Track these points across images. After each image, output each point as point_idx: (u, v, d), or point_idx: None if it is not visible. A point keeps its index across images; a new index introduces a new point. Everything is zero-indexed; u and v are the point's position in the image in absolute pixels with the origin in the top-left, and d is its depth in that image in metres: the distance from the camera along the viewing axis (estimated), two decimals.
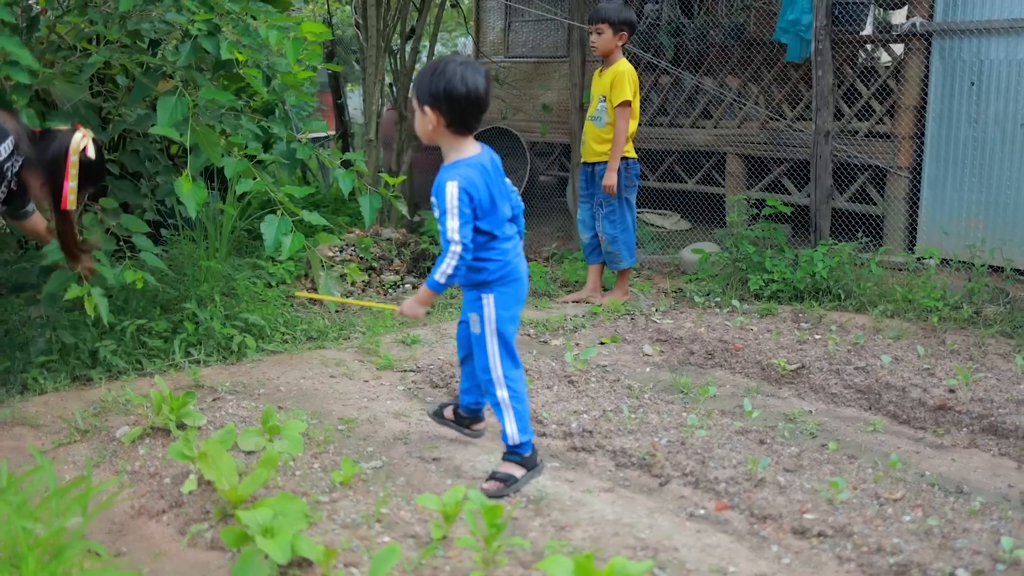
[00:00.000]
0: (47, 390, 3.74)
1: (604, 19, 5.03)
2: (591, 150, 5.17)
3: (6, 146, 3.12)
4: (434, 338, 4.57)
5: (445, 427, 3.28)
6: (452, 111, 2.71)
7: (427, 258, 6.31)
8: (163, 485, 2.92)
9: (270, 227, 3.79)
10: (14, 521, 2.05)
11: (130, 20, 4.01)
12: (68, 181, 3.23)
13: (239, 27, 3.87)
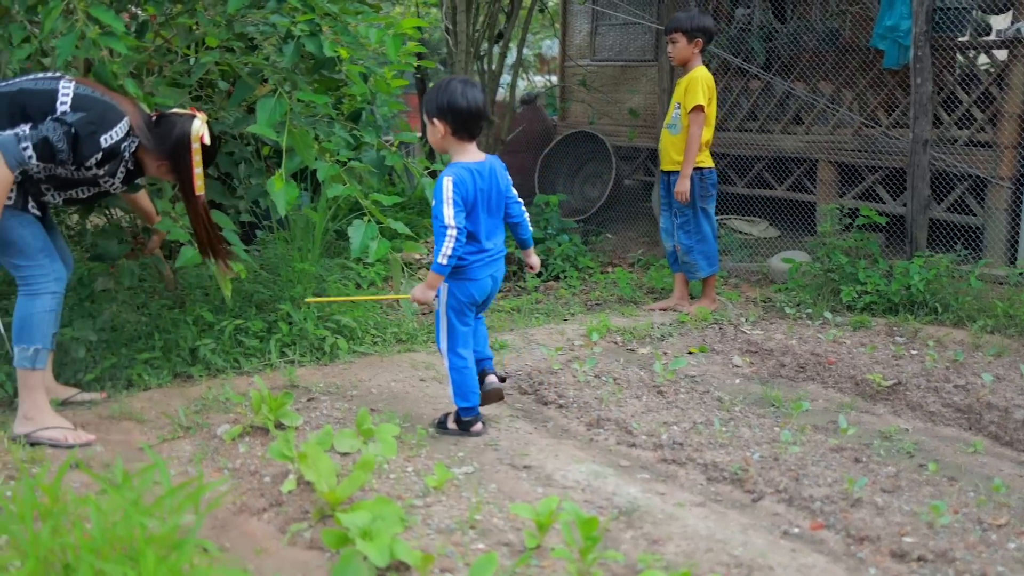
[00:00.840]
0: (151, 386, 3.87)
1: (677, 28, 5.01)
2: (668, 158, 5.14)
3: (121, 127, 3.25)
4: (521, 344, 4.59)
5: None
6: (456, 121, 3.24)
7: (511, 261, 6.36)
8: (263, 483, 2.99)
9: (357, 231, 3.85)
10: (132, 517, 2.12)
11: (236, 23, 4.12)
12: (195, 167, 3.37)
13: (338, 27, 3.95)
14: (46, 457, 3.16)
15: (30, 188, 3.30)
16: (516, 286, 6.08)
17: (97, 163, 3.25)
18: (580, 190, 8.22)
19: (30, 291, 3.31)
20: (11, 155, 3.08)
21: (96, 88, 3.32)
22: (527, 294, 5.81)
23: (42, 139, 3.11)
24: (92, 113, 3.20)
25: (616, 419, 3.60)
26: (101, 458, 3.19)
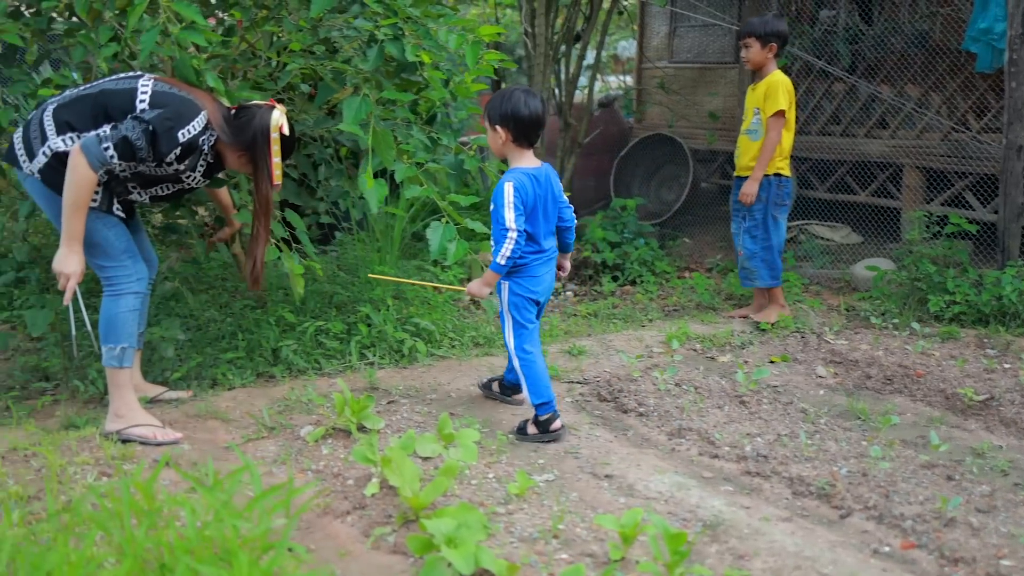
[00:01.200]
0: (235, 386, 3.93)
1: (751, 33, 4.91)
2: (746, 163, 5.03)
3: (198, 121, 3.28)
4: (600, 350, 4.56)
5: (492, 397, 3.87)
6: (517, 129, 3.41)
7: (587, 265, 6.33)
8: (346, 486, 3.02)
9: (435, 233, 3.86)
10: (223, 518, 2.15)
11: (321, 28, 4.16)
12: (273, 157, 3.39)
13: (420, 31, 3.96)
14: (136, 454, 3.23)
15: (116, 188, 3.36)
16: (592, 290, 6.04)
17: (177, 158, 3.29)
18: (656, 193, 8.15)
19: (114, 291, 3.38)
20: (93, 156, 3.13)
21: (175, 85, 3.36)
22: (603, 299, 5.78)
23: (122, 138, 3.15)
24: (169, 109, 3.23)
25: (698, 429, 3.55)
26: (188, 456, 3.24)
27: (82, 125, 3.24)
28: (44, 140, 3.25)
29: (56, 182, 3.23)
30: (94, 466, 3.10)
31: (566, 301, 5.85)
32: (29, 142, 3.30)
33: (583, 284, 6.19)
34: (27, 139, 3.31)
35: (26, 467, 3.10)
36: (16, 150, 3.34)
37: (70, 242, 3.20)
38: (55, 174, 3.22)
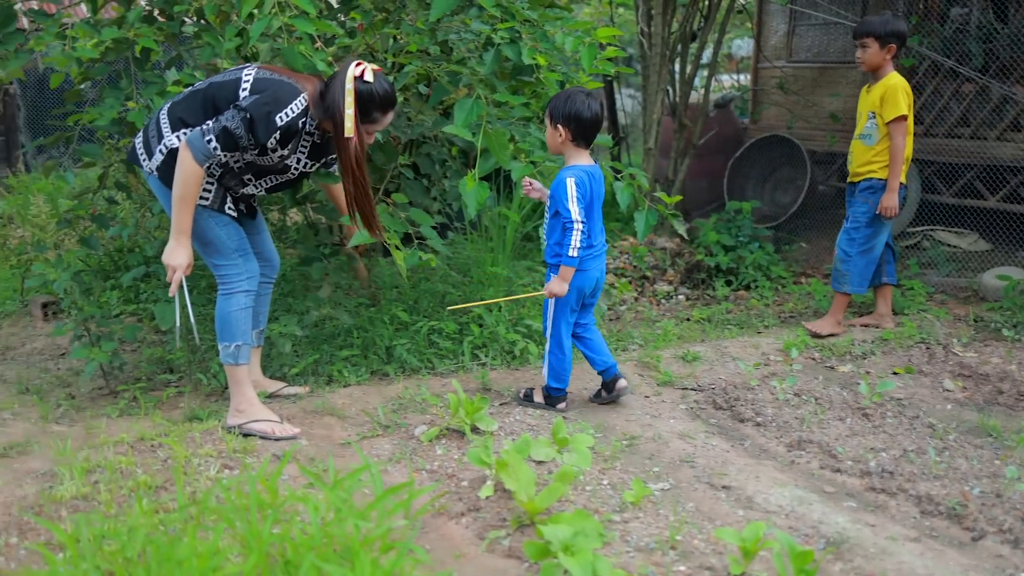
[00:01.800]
0: (350, 383, 3.98)
1: (869, 32, 4.67)
2: (859, 170, 4.83)
3: (297, 104, 3.26)
4: (714, 356, 4.47)
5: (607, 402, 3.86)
6: (577, 129, 3.55)
7: (701, 269, 6.23)
8: (461, 487, 3.02)
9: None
10: (344, 516, 2.17)
11: (439, 31, 4.19)
12: (346, 108, 3.28)
13: (537, 34, 3.95)
14: (256, 448, 3.30)
15: (231, 182, 3.41)
16: (705, 295, 5.94)
17: (278, 142, 3.28)
18: (771, 196, 7.96)
19: (225, 290, 3.45)
20: (198, 150, 3.18)
21: (278, 71, 3.35)
22: (717, 303, 5.67)
23: (222, 129, 3.19)
24: (266, 94, 3.23)
25: (819, 442, 3.44)
26: (306, 452, 3.30)
27: (194, 120, 3.29)
28: (160, 138, 3.33)
29: (171, 179, 3.29)
30: (217, 458, 3.17)
31: (678, 305, 5.76)
32: (148, 141, 3.39)
33: (695, 288, 6.09)
34: (146, 139, 3.40)
35: (153, 457, 3.19)
36: (137, 150, 3.44)
37: (178, 235, 3.27)
38: (170, 171, 3.29)
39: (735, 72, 11.78)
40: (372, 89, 3.28)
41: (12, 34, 3.89)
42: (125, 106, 3.92)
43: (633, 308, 5.59)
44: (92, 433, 3.45)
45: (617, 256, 6.21)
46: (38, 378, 4.35)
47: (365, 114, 3.32)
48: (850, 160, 4.91)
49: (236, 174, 3.41)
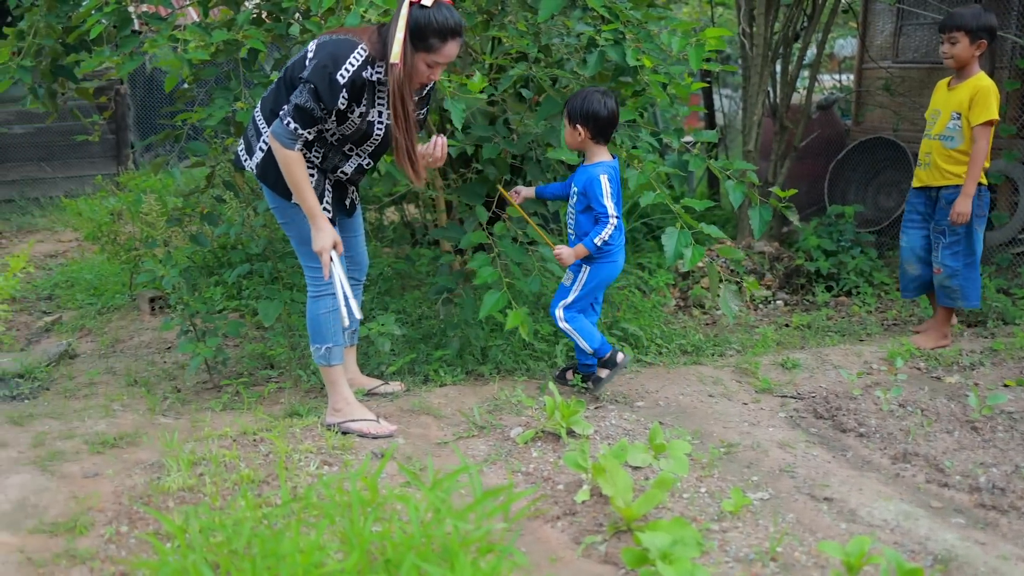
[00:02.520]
0: (446, 383, 4.01)
1: (960, 26, 4.41)
2: (937, 172, 4.59)
3: (355, 56, 3.13)
4: (815, 364, 4.37)
5: (569, 385, 3.99)
6: (595, 127, 3.69)
7: (800, 274, 6.09)
8: (556, 491, 3.01)
9: (670, 239, 3.78)
10: (443, 518, 2.18)
11: (542, 34, 4.18)
12: (396, 32, 3.12)
13: (641, 35, 3.91)
14: (355, 445, 3.35)
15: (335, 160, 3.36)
16: (804, 300, 5.81)
17: (349, 101, 3.18)
18: (874, 199, 7.74)
19: (314, 292, 3.46)
20: (282, 136, 3.16)
21: (338, 31, 3.25)
22: (816, 310, 5.54)
23: (294, 108, 3.14)
24: (322, 56, 3.14)
25: (925, 455, 3.33)
26: (403, 450, 3.33)
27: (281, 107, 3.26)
28: (259, 136, 3.36)
29: (270, 174, 3.33)
30: (316, 454, 3.23)
31: (776, 310, 5.65)
32: (248, 141, 3.43)
33: (794, 293, 5.96)
34: (247, 139, 3.45)
35: (255, 451, 3.27)
36: (239, 152, 3.49)
37: (313, 219, 3.25)
38: (268, 167, 3.32)
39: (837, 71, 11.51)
40: (429, 14, 3.11)
41: (128, 37, 4.03)
42: (233, 106, 4.02)
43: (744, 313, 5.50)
44: (197, 426, 3.54)
45: (715, 259, 6.12)
46: (146, 371, 4.49)
47: (421, 39, 3.13)
48: (924, 161, 4.69)
49: (336, 148, 3.36)
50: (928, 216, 4.73)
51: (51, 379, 4.42)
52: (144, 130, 11.97)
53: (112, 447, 3.37)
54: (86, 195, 10.03)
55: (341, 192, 3.52)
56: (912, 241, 4.81)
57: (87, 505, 2.87)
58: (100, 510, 2.85)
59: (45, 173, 10.76)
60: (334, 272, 3.28)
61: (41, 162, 10.74)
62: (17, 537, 2.67)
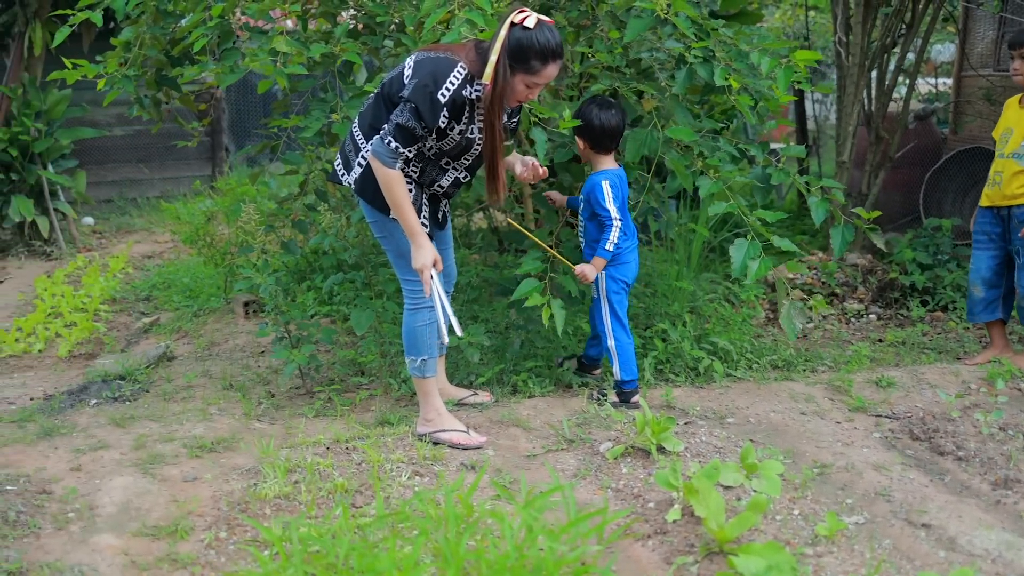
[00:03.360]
0: (535, 394, 4.02)
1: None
2: (1009, 191, 4.41)
3: (455, 75, 3.15)
4: (910, 382, 4.27)
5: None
6: (592, 138, 3.79)
7: (894, 287, 5.95)
8: (647, 509, 3.00)
9: (739, 250, 3.75)
10: (535, 537, 2.19)
11: (631, 50, 4.17)
12: (491, 55, 3.13)
13: (731, 52, 3.87)
14: (445, 456, 3.38)
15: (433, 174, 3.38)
16: (898, 315, 5.68)
17: (450, 119, 3.20)
18: (971, 212, 7.52)
19: (412, 305, 3.49)
20: (383, 155, 3.18)
21: (436, 48, 3.26)
22: (911, 325, 5.41)
23: (395, 127, 3.15)
24: (423, 75, 3.15)
25: None
26: (492, 462, 3.35)
27: (383, 123, 3.27)
28: (358, 151, 3.39)
29: (365, 189, 3.36)
30: (408, 464, 3.27)
31: (869, 325, 5.53)
32: (346, 156, 3.46)
33: (888, 307, 5.83)
34: (344, 155, 3.48)
35: (348, 460, 3.32)
36: (337, 168, 3.52)
37: (413, 236, 3.27)
38: (367, 182, 3.35)
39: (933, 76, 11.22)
40: (532, 36, 3.11)
41: (230, 50, 4.13)
42: (329, 117, 4.10)
43: (821, 326, 5.40)
44: (291, 432, 3.62)
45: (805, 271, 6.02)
46: (241, 375, 4.61)
47: (522, 61, 3.14)
48: (994, 179, 4.53)
49: (434, 162, 3.37)
50: (998, 237, 4.57)
51: (150, 381, 4.56)
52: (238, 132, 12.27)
53: (210, 451, 3.46)
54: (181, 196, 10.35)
55: (435, 205, 3.54)
56: (979, 263, 4.63)
57: (187, 509, 2.96)
58: (199, 515, 2.94)
59: (143, 174, 11.11)
60: (434, 289, 3.30)
61: (139, 163, 11.10)
62: (121, 540, 2.76)
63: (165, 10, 4.43)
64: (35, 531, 2.83)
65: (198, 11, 4.15)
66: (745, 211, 3.83)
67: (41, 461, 3.42)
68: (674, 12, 3.70)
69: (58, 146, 8.81)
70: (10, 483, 3.18)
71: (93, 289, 6.57)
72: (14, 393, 4.44)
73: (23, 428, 3.81)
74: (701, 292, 4.90)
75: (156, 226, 9.57)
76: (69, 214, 8.90)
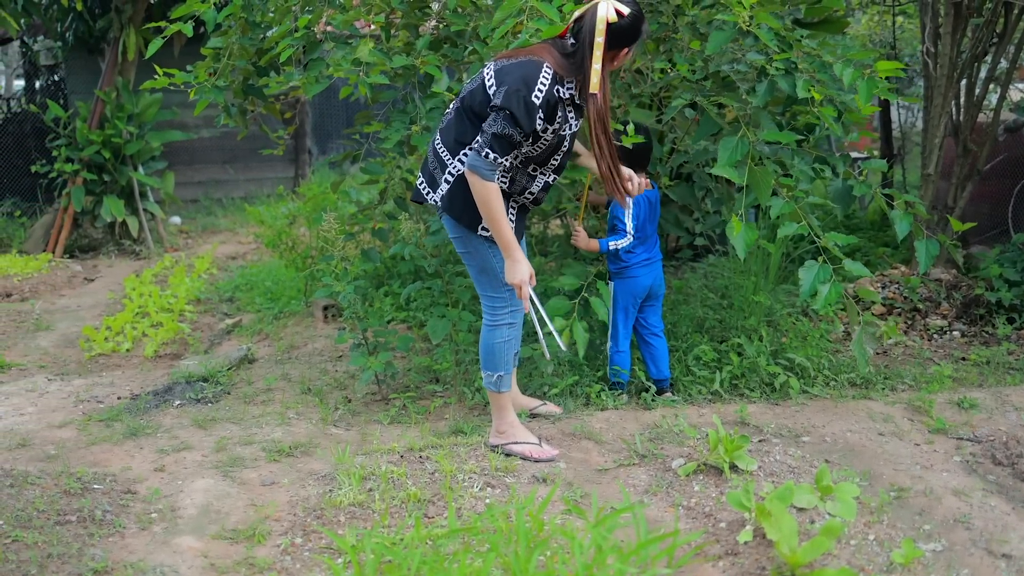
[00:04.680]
0: (607, 407, 4.03)
1: None
2: None
3: (543, 77, 3.15)
4: (993, 404, 4.16)
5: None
6: (629, 160, 3.84)
7: (980, 304, 5.80)
8: (718, 528, 2.98)
9: (809, 273, 3.71)
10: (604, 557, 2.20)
11: (712, 62, 4.15)
12: (592, 63, 3.16)
13: (815, 64, 3.82)
14: (517, 468, 3.41)
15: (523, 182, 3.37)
16: (983, 332, 5.52)
17: (545, 121, 3.21)
18: None
19: (490, 321, 3.50)
20: (482, 168, 3.15)
21: (513, 54, 3.26)
22: (997, 344, 5.26)
23: (492, 136, 3.13)
24: (512, 80, 3.15)
25: None
26: (564, 475, 3.37)
27: (469, 137, 3.28)
28: (444, 168, 3.36)
29: (452, 205, 3.34)
30: (480, 475, 3.31)
31: (952, 342, 5.40)
32: (430, 174, 3.44)
33: (972, 324, 5.68)
34: (428, 173, 3.45)
35: (421, 469, 3.37)
36: (421, 188, 3.49)
37: (508, 251, 3.24)
38: (455, 198, 3.32)
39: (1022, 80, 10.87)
40: (633, 18, 3.20)
41: (316, 61, 4.22)
42: (408, 129, 4.16)
43: (902, 342, 5.29)
44: (366, 439, 3.69)
45: (887, 285, 5.91)
46: (318, 379, 4.70)
47: (636, 39, 3.25)
48: None
49: (522, 170, 3.36)
50: None
51: (232, 383, 4.68)
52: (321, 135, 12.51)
53: (287, 455, 3.55)
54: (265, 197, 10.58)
55: (523, 218, 3.51)
56: None
57: (264, 514, 3.04)
58: (276, 519, 3.01)
59: (228, 175, 11.40)
60: (533, 304, 3.31)
61: (225, 164, 11.38)
62: (201, 542, 2.85)
63: (254, 21, 4.54)
64: (120, 531, 2.93)
65: (285, 22, 4.25)
66: (818, 232, 3.78)
67: (127, 460, 3.55)
68: (756, 24, 3.67)
69: (149, 148, 9.09)
70: (97, 482, 3.31)
71: (179, 289, 6.76)
72: (103, 392, 4.59)
73: (110, 427, 3.95)
74: (778, 305, 4.84)
75: (240, 227, 9.81)
76: (158, 214, 9.18)
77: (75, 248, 8.96)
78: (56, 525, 2.96)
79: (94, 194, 8.85)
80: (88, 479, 3.33)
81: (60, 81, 10.68)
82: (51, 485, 3.26)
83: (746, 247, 3.63)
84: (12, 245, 8.90)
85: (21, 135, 10.25)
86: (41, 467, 3.47)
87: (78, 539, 2.88)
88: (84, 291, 7.42)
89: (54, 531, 2.91)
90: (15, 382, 4.85)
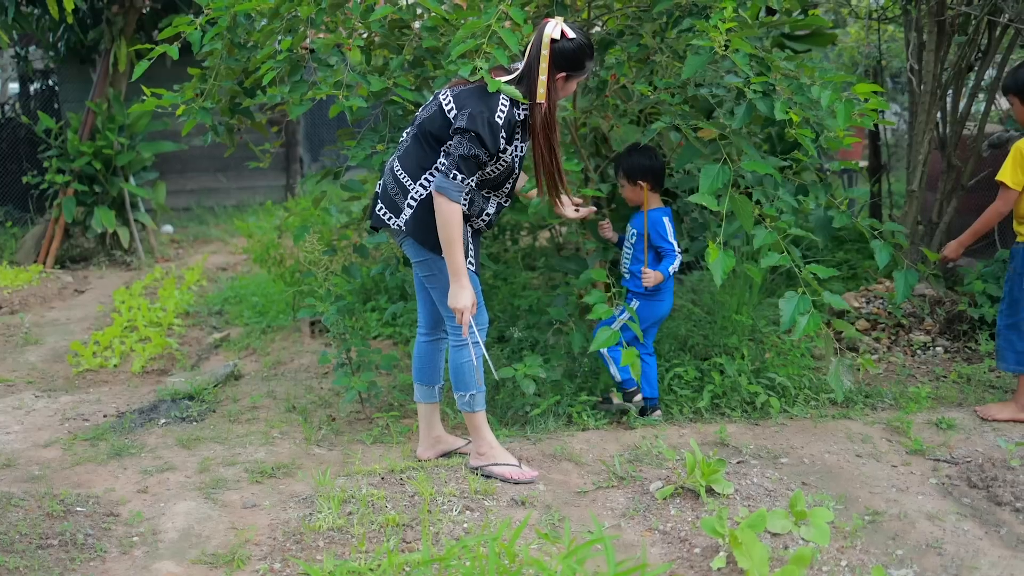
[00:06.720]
0: (589, 427, 4.06)
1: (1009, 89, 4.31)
2: None
3: (503, 97, 3.28)
4: (972, 425, 4.20)
5: (615, 410, 4.21)
6: (655, 180, 4.09)
7: (962, 320, 5.84)
8: (692, 555, 3.02)
9: (788, 304, 3.76)
10: None
11: (689, 86, 4.19)
12: (539, 74, 3.28)
13: (792, 85, 3.86)
14: (496, 490, 3.44)
15: (480, 205, 3.44)
16: (966, 348, 5.57)
17: (506, 140, 3.33)
18: None
19: (456, 343, 3.53)
20: (450, 190, 3.23)
21: (467, 81, 3.36)
22: (979, 361, 5.30)
23: (459, 158, 3.23)
24: (474, 104, 3.26)
25: None
26: (543, 498, 3.40)
27: (429, 162, 3.38)
28: (406, 193, 3.42)
29: (417, 229, 3.39)
30: (459, 498, 3.34)
31: (935, 358, 5.43)
32: (391, 200, 3.47)
33: (955, 340, 5.72)
34: (388, 199, 3.49)
35: (401, 491, 3.40)
36: (380, 213, 3.52)
37: (457, 277, 3.31)
38: (419, 223, 3.38)
39: None
40: (578, 42, 3.31)
41: (299, 83, 4.26)
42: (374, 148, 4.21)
43: (885, 358, 5.33)
44: (348, 460, 3.72)
45: (871, 300, 5.95)
46: (303, 397, 4.73)
47: (577, 67, 3.36)
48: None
49: (478, 192, 3.43)
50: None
51: (217, 401, 4.71)
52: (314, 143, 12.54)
53: (270, 476, 3.58)
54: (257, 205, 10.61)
55: (477, 243, 3.56)
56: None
57: (244, 538, 3.07)
58: (256, 543, 3.04)
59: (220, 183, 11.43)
60: (473, 330, 3.41)
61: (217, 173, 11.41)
62: (182, 567, 2.88)
63: (239, 43, 4.58)
64: (101, 555, 2.97)
65: (268, 44, 4.29)
66: (799, 263, 3.82)
67: (111, 481, 3.58)
68: (733, 49, 3.71)
69: (140, 159, 9.12)
70: (80, 504, 3.34)
71: (168, 303, 6.79)
72: (89, 409, 4.62)
73: (95, 447, 3.98)
74: (762, 322, 4.88)
75: (231, 236, 9.83)
76: (149, 225, 9.20)
77: (66, 259, 8.99)
78: (38, 549, 3.00)
79: (85, 205, 8.88)
80: (71, 501, 3.36)
81: (55, 86, 10.69)
82: (34, 507, 3.29)
83: (723, 275, 3.67)
84: (3, 256, 8.92)
85: (15, 140, 10.26)
86: (25, 488, 3.50)
87: (59, 564, 2.92)
88: (74, 303, 7.45)
89: (36, 555, 2.95)
90: (2, 399, 4.87)
